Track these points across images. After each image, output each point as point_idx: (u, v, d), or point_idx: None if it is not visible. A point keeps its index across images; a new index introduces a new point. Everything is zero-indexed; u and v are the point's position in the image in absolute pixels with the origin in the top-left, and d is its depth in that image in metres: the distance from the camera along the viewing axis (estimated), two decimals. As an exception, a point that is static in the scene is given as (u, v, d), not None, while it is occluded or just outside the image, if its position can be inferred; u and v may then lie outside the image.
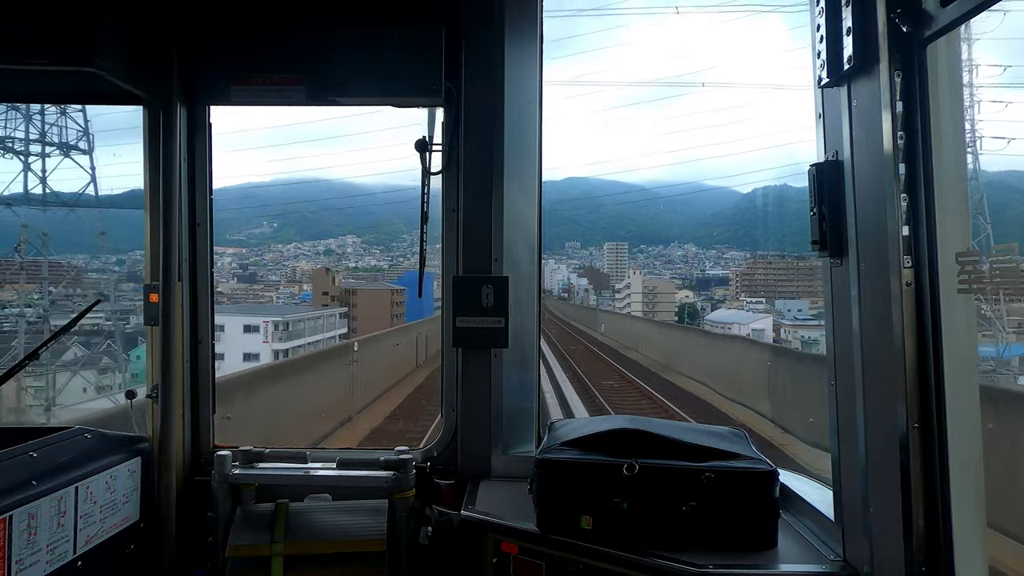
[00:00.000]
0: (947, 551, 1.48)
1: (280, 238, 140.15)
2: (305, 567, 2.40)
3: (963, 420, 1.51)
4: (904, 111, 1.53)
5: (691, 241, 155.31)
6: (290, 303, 63.54)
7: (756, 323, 52.65)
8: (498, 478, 2.57)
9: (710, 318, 62.34)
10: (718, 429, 2.23)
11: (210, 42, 2.67)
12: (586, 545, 1.95)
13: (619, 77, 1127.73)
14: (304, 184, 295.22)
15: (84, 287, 28.17)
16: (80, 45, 2.25)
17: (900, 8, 1.51)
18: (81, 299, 26.30)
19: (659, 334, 33.53)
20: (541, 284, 2.73)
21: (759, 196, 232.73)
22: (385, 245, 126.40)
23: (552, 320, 63.59)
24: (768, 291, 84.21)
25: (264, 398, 13.21)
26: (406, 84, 2.52)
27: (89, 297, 27.00)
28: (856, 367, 1.68)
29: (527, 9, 2.60)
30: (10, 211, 24.71)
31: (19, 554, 1.88)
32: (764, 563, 1.84)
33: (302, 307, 53.82)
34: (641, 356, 30.69)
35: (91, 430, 2.29)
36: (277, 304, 64.68)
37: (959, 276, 1.45)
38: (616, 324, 47.48)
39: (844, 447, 1.79)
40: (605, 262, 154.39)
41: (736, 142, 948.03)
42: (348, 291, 55.32)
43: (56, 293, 26.06)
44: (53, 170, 25.82)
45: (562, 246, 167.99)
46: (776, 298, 74.14)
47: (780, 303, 67.50)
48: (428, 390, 20.04)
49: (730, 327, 47.76)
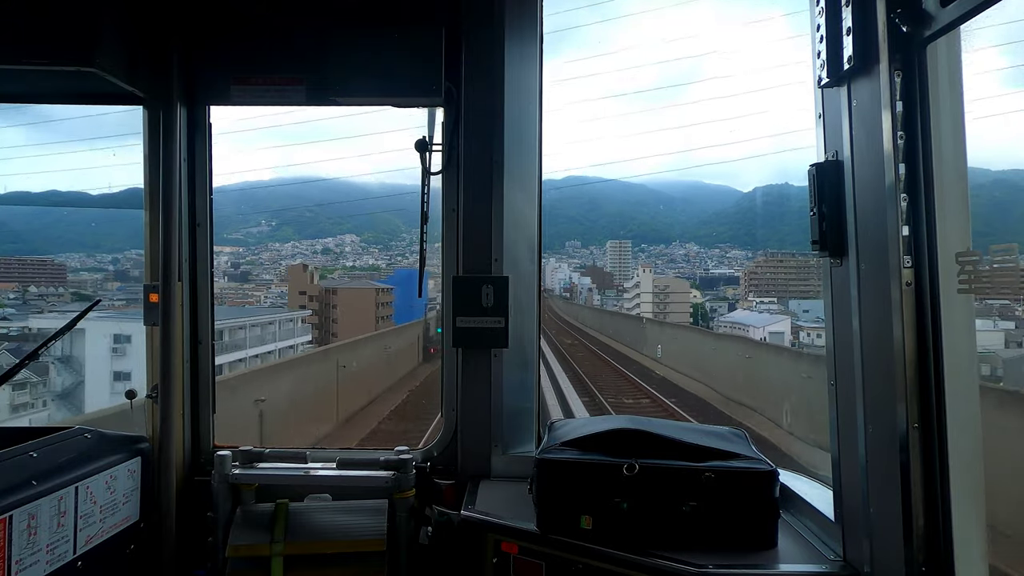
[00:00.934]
0: (947, 551, 1.48)
1: (278, 237, 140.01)
2: (305, 567, 2.40)
3: (963, 420, 1.51)
4: (904, 111, 1.53)
5: (692, 240, 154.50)
6: (278, 303, 57.13)
7: (774, 326, 46.40)
8: (498, 478, 2.57)
9: (728, 319, 59.41)
10: (718, 429, 2.23)
11: (210, 42, 2.67)
12: (586, 545, 1.95)
13: (618, 73, 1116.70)
14: (303, 183, 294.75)
15: (67, 286, 27.79)
16: (80, 45, 2.25)
17: (900, 8, 1.51)
18: (55, 298, 25.80)
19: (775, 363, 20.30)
20: (541, 284, 2.73)
21: (759, 195, 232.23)
22: (384, 244, 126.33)
23: (562, 328, 49.83)
24: (779, 291, 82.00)
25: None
26: (406, 84, 2.52)
27: (64, 296, 26.56)
28: (856, 367, 1.68)
29: (527, 9, 2.60)
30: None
31: (19, 554, 1.88)
32: (764, 563, 1.84)
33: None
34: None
35: (91, 430, 2.29)
36: (261, 306, 57.61)
37: (959, 276, 1.45)
38: (680, 343, 29.56)
39: (844, 447, 1.79)
40: (608, 260, 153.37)
41: (743, 142, 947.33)
42: (328, 290, 50.13)
43: (31, 293, 25.65)
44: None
45: (562, 245, 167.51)
46: (789, 298, 71.93)
47: (793, 303, 64.96)
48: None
49: (746, 329, 43.61)
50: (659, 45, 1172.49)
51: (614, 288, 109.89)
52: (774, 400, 18.34)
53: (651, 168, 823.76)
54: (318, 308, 47.96)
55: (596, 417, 2.34)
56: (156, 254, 2.57)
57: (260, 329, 32.79)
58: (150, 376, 2.62)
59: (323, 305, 48.20)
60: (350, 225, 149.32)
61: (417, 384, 24.56)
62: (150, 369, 2.62)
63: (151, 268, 2.60)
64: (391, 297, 46.57)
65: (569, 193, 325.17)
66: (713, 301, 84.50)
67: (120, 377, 25.60)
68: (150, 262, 2.61)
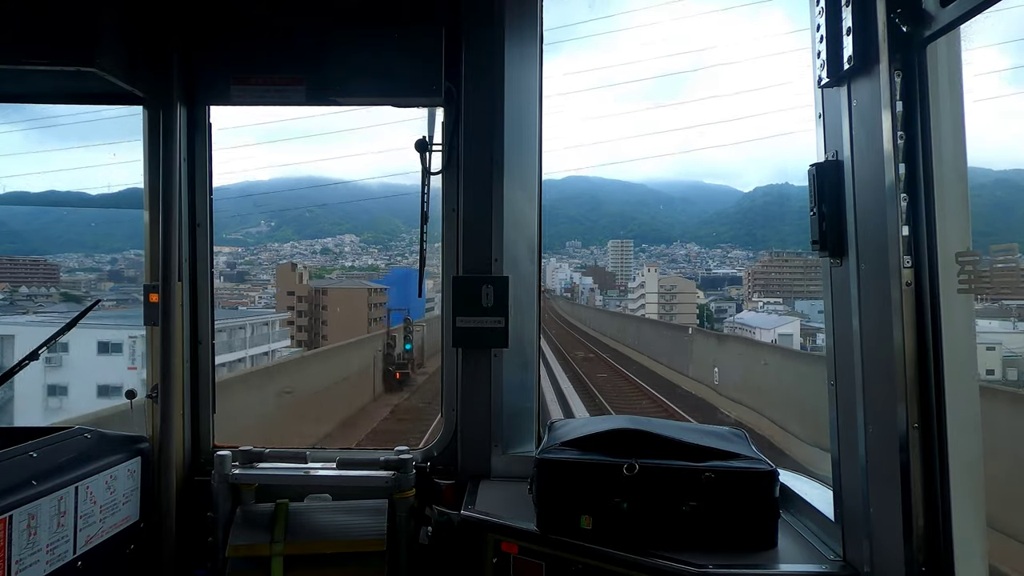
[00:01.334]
0: (947, 551, 1.48)
1: (277, 237, 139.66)
2: (305, 567, 2.40)
3: (963, 420, 1.51)
4: (904, 111, 1.53)
5: (693, 240, 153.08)
6: (273, 304, 54.55)
7: (783, 327, 44.76)
8: (498, 478, 2.57)
9: (738, 320, 57.31)
10: (718, 429, 2.23)
11: (210, 42, 2.67)
12: (586, 545, 1.95)
13: (618, 70, 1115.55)
14: (303, 182, 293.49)
15: (59, 286, 27.47)
16: (80, 45, 2.25)
17: (900, 8, 1.51)
18: (44, 299, 25.36)
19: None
20: (541, 284, 2.73)
21: (760, 195, 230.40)
22: (384, 244, 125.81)
23: (568, 334, 43.12)
24: (784, 291, 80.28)
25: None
26: (406, 84, 2.52)
27: (53, 297, 26.11)
28: (856, 367, 1.68)
29: (527, 9, 2.60)
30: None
31: (19, 554, 1.88)
32: (764, 563, 1.84)
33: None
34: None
35: (91, 430, 2.29)
36: (255, 307, 55.38)
37: (959, 276, 1.45)
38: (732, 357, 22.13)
39: (844, 447, 1.79)
40: (609, 260, 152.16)
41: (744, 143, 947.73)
42: (318, 291, 48.50)
43: (20, 293, 25.30)
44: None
45: (563, 245, 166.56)
46: (795, 298, 69.96)
47: (803, 304, 62.74)
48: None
49: (753, 331, 42.25)
50: (659, 42, 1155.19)
51: (616, 288, 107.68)
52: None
53: (651, 168, 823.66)
54: (308, 309, 46.16)
55: (596, 417, 2.34)
56: (156, 254, 2.57)
57: (228, 335, 28.90)
58: (150, 376, 2.62)
59: (312, 306, 46.52)
60: (350, 225, 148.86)
61: (366, 435, 18.18)
62: (150, 369, 2.62)
63: (151, 268, 2.60)
64: (385, 297, 43.59)
65: (569, 193, 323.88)
66: (718, 301, 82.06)
67: (56, 392, 22.81)
68: (150, 262, 2.61)
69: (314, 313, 46.92)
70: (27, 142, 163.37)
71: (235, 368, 24.89)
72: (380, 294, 45.71)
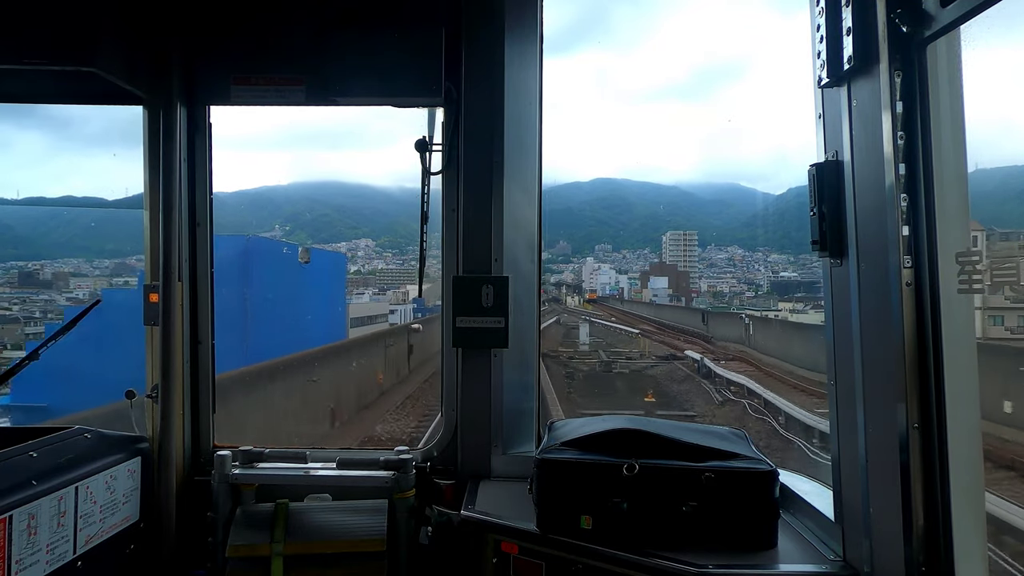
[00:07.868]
0: (947, 551, 1.48)
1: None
2: (305, 567, 2.40)
3: (963, 420, 1.51)
4: (904, 111, 1.53)
5: (735, 243, 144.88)
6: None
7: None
8: (498, 478, 2.57)
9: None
10: (718, 429, 2.23)
11: (210, 42, 2.67)
12: (586, 545, 1.95)
13: (651, 70, 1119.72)
14: (320, 186, 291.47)
15: (53, 291, 27.31)
16: (80, 45, 2.25)
17: (900, 8, 1.51)
18: (32, 303, 25.31)
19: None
20: (541, 284, 2.73)
21: (793, 196, 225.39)
22: (400, 249, 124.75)
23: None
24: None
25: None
26: (406, 84, 2.52)
27: (39, 302, 26.04)
28: (856, 367, 1.68)
29: (527, 9, 2.61)
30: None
31: (19, 554, 1.88)
32: (764, 563, 1.84)
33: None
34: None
35: (91, 430, 2.29)
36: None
37: (959, 276, 1.45)
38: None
39: (844, 447, 1.79)
40: (667, 256, 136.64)
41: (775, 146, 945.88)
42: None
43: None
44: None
45: (592, 249, 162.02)
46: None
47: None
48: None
49: None
50: (693, 38, 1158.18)
51: (695, 293, 79.93)
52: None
53: (684, 170, 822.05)
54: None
55: (596, 417, 2.34)
56: (156, 254, 2.57)
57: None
58: (150, 376, 2.62)
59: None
60: (367, 229, 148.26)
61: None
62: (150, 369, 2.62)
63: (151, 268, 2.60)
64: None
65: (598, 195, 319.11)
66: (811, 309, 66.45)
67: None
68: (150, 262, 2.61)
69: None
70: (25, 142, 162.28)
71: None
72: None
